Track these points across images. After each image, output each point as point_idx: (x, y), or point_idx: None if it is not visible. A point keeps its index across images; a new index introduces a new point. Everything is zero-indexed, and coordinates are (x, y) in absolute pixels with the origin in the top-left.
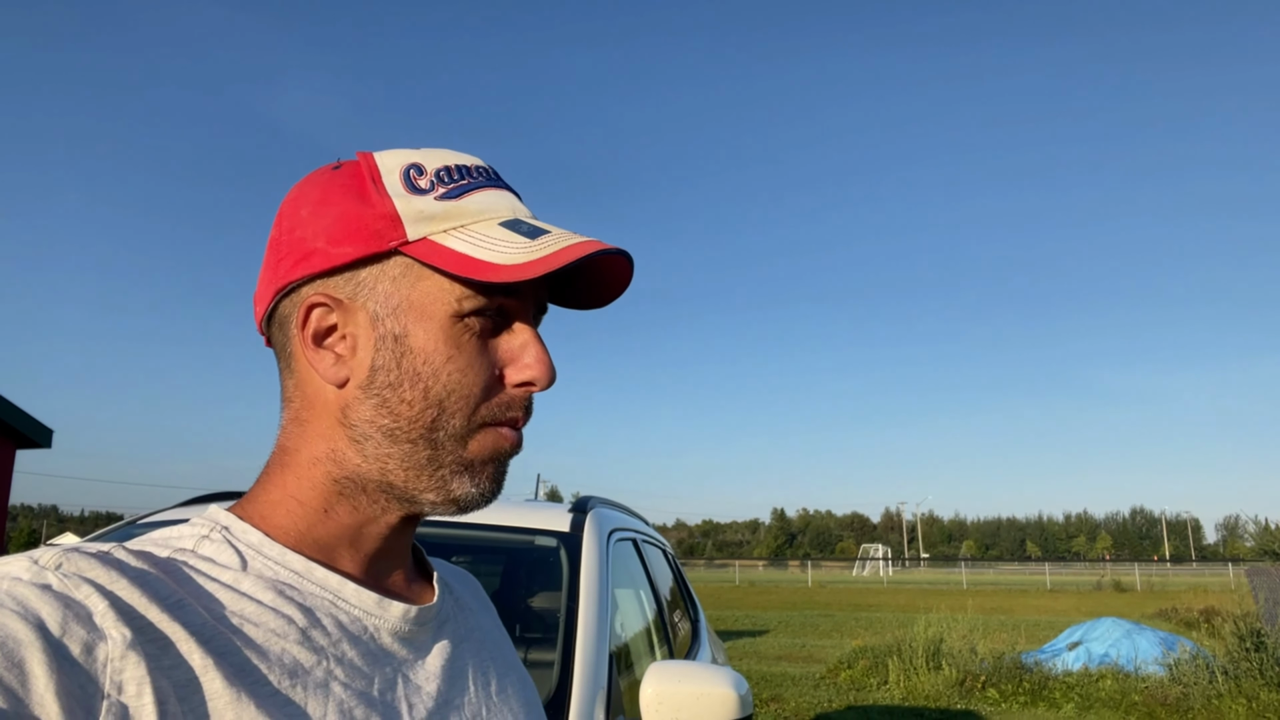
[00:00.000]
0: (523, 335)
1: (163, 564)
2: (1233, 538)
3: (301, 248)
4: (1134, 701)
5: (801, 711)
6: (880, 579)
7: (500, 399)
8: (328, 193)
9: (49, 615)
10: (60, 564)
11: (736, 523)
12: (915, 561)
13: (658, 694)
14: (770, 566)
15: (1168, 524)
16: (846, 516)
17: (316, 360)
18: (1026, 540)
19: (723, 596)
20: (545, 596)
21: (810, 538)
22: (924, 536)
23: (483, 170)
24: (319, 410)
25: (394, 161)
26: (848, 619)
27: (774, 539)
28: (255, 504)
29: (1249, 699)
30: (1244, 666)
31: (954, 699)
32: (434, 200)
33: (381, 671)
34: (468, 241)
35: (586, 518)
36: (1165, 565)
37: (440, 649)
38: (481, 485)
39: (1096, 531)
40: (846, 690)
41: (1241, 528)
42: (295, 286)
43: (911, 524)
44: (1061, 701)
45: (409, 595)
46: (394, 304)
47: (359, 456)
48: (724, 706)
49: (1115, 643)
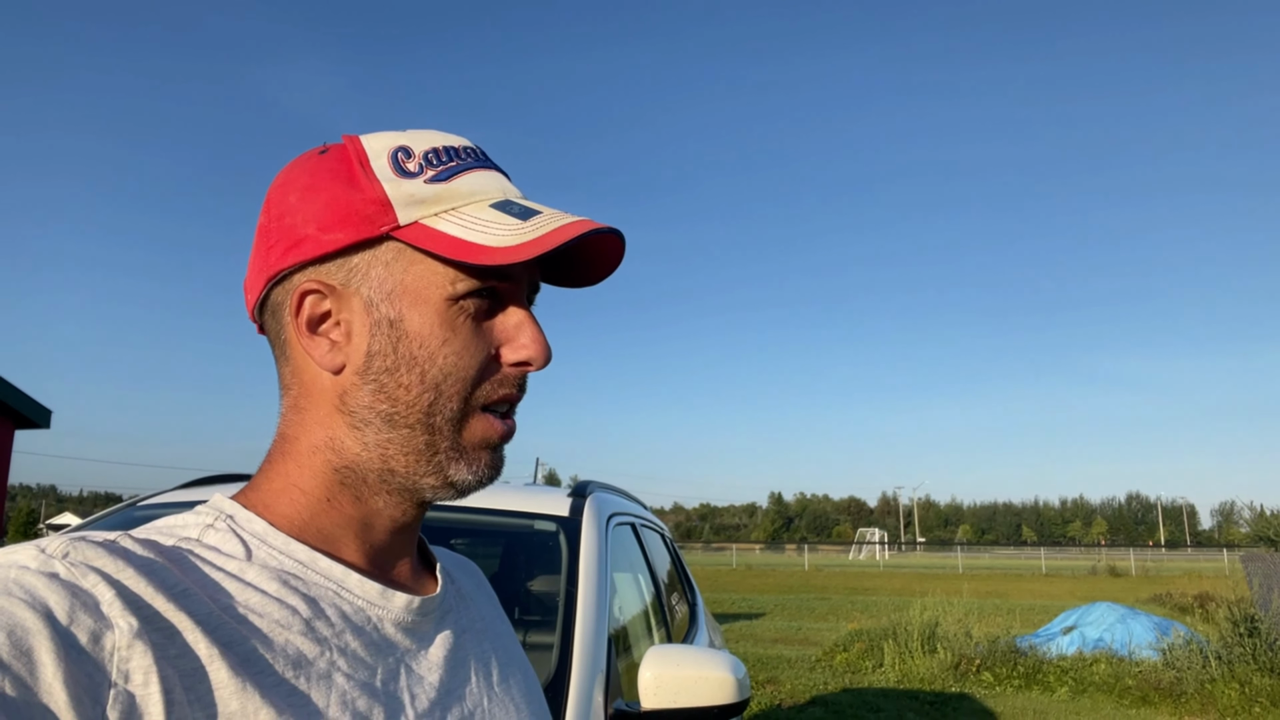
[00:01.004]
0: (517, 316)
1: (169, 553)
2: (1228, 524)
3: (292, 235)
4: (1128, 686)
5: (797, 694)
6: (876, 563)
7: (496, 378)
8: (316, 178)
9: (56, 604)
10: (67, 553)
11: (734, 506)
12: (911, 546)
13: (656, 677)
14: (767, 550)
15: (1163, 509)
16: (843, 501)
17: (312, 347)
18: (1022, 525)
19: (720, 580)
20: (544, 580)
21: (807, 522)
22: (920, 521)
23: (471, 151)
24: (316, 397)
25: (381, 145)
26: (844, 602)
27: (771, 523)
28: (259, 492)
29: (1242, 684)
30: (1237, 651)
31: (949, 682)
32: (423, 184)
33: (384, 662)
34: (459, 224)
35: (586, 502)
36: (1160, 551)
37: (443, 639)
38: (478, 470)
39: (1092, 517)
40: (842, 673)
41: (1237, 514)
42: (287, 274)
43: (908, 508)
44: (1056, 685)
45: (412, 586)
46: (388, 289)
47: (358, 444)
48: (722, 690)
49: (1110, 627)
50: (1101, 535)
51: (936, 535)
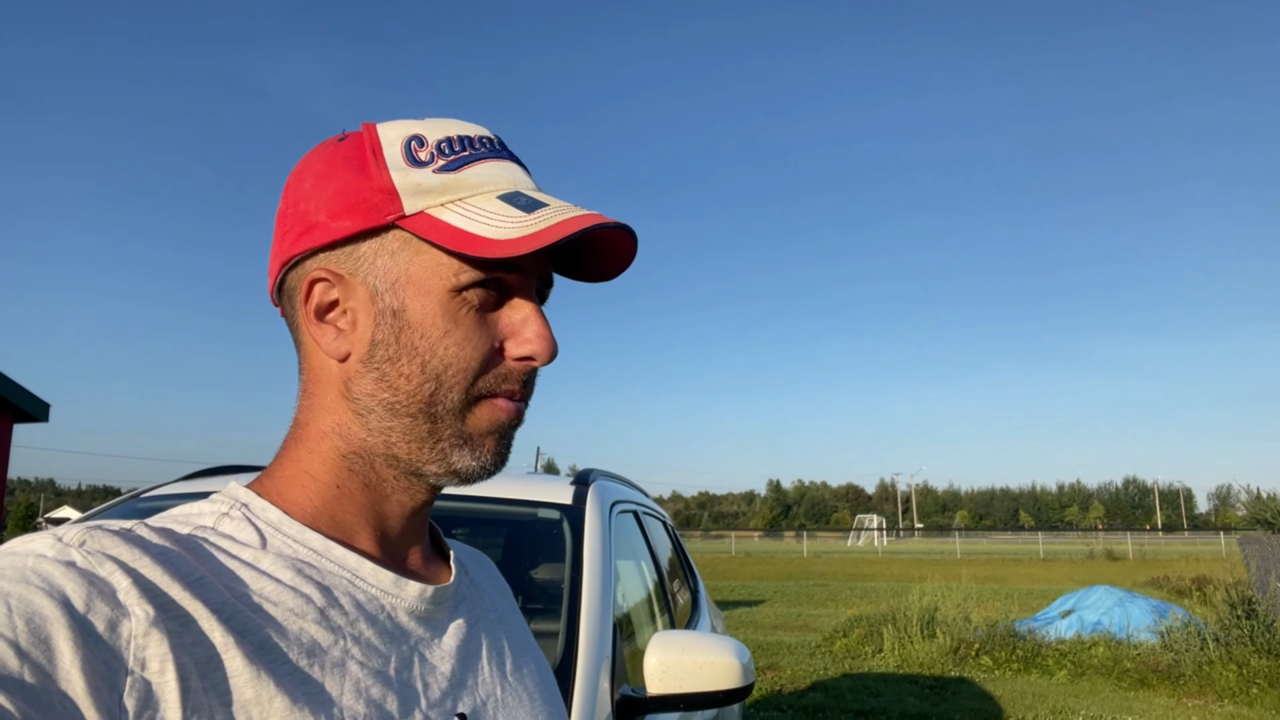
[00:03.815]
0: (523, 310)
1: (184, 541)
2: (1225, 507)
3: (304, 221)
4: (1126, 668)
5: (797, 679)
6: (875, 549)
7: (499, 371)
8: (330, 165)
9: (74, 592)
10: (84, 541)
11: (732, 494)
12: (910, 532)
13: (662, 663)
14: (766, 538)
15: (1160, 493)
16: (841, 488)
17: (319, 335)
18: (1020, 510)
19: (719, 567)
20: (549, 568)
21: (805, 509)
22: (918, 507)
23: (487, 140)
24: (324, 384)
25: (396, 133)
26: (843, 589)
27: (770, 510)
28: (273, 480)
29: (1239, 665)
30: (1235, 634)
31: (948, 666)
32: (432, 173)
33: (398, 650)
34: (463, 216)
35: (589, 490)
36: (1158, 534)
37: (456, 628)
38: (482, 457)
39: (1089, 501)
40: (842, 658)
41: (1234, 497)
42: (299, 260)
43: (906, 495)
44: (1054, 669)
45: (425, 575)
46: (392, 278)
47: (364, 430)
48: (727, 674)
49: (1108, 611)
50: (1099, 519)
51: (934, 521)
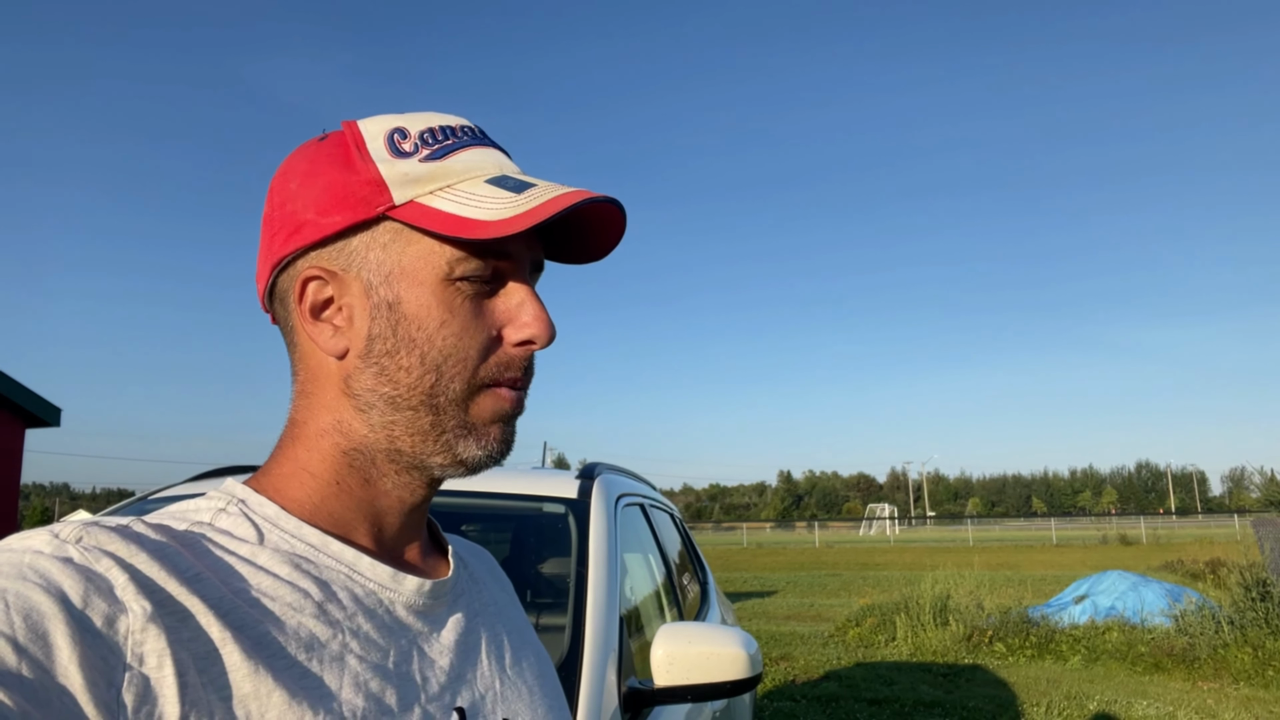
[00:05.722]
0: (519, 294)
1: (181, 537)
2: (1238, 490)
3: (293, 221)
4: (1140, 653)
5: (811, 669)
6: (887, 538)
7: (499, 358)
8: (315, 164)
9: (71, 588)
10: (81, 537)
11: (743, 486)
12: (921, 520)
13: (668, 655)
14: (777, 528)
15: (1173, 477)
16: (852, 477)
17: (315, 333)
18: (1032, 496)
19: (731, 559)
20: (555, 562)
21: (817, 499)
22: (930, 495)
23: (469, 130)
24: (323, 382)
25: (378, 127)
26: (855, 578)
27: (781, 501)
28: (269, 477)
29: (1255, 648)
30: (1250, 616)
31: (961, 654)
32: (418, 162)
33: (396, 644)
34: (454, 201)
35: (594, 484)
36: (1171, 518)
37: (455, 622)
38: (487, 446)
39: (1102, 486)
40: (855, 648)
41: (1247, 479)
42: (290, 260)
43: (917, 483)
44: (1068, 654)
45: (424, 569)
46: (385, 271)
47: (365, 426)
48: (734, 665)
49: (1121, 595)
50: (1111, 504)
51: (946, 509)
